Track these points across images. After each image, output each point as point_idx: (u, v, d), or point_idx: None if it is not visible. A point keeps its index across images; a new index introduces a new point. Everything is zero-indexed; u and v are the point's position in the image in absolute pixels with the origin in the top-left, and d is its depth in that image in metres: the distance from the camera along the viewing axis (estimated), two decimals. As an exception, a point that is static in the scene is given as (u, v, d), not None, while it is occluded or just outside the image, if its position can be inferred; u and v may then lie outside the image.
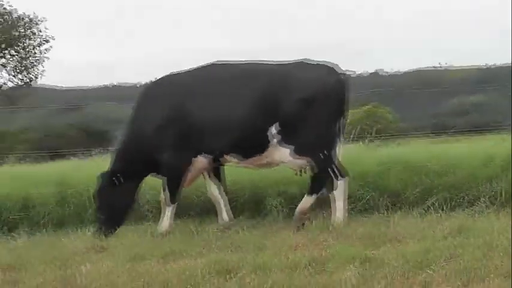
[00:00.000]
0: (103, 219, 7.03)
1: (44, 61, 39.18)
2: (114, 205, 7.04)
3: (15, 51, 38.91)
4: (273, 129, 6.80)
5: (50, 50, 39.21)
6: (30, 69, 39.12)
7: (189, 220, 7.69)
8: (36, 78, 39.01)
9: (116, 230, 7.03)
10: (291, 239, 6.27)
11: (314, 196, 6.96)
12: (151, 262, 5.70)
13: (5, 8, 37.90)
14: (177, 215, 7.66)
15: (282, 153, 6.89)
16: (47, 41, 39.09)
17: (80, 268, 5.50)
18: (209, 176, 7.36)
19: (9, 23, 38.25)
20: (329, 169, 6.90)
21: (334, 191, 6.95)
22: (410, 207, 7.50)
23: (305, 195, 7.02)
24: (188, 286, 4.85)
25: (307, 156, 6.87)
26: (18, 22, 38.50)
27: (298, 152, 6.85)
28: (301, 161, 6.96)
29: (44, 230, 7.61)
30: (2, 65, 38.70)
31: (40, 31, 38.93)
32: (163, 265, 5.57)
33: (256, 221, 7.49)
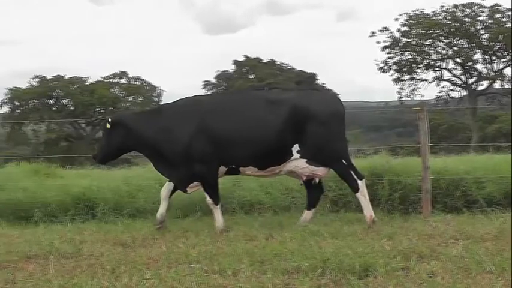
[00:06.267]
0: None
1: None
2: None
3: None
4: (297, 146, 8.04)
5: None
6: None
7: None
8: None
9: None
10: None
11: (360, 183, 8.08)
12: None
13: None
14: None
15: (298, 163, 8.07)
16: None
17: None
18: None
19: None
20: (350, 173, 8.09)
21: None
22: None
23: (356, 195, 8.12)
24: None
25: (330, 166, 8.14)
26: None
27: (320, 163, 8.07)
28: (312, 168, 8.06)
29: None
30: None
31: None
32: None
33: None
